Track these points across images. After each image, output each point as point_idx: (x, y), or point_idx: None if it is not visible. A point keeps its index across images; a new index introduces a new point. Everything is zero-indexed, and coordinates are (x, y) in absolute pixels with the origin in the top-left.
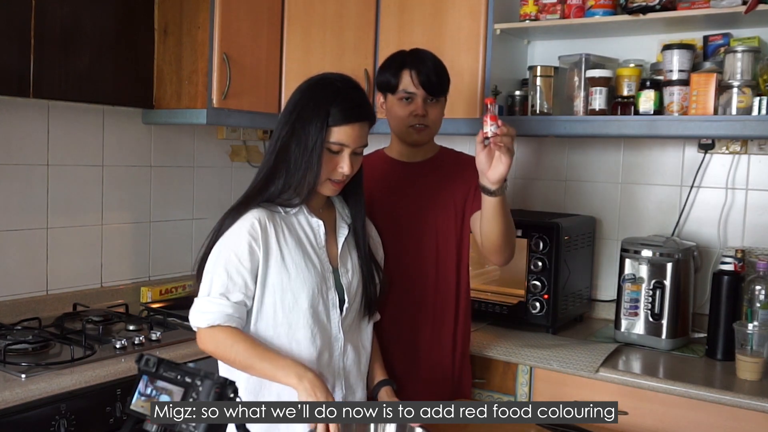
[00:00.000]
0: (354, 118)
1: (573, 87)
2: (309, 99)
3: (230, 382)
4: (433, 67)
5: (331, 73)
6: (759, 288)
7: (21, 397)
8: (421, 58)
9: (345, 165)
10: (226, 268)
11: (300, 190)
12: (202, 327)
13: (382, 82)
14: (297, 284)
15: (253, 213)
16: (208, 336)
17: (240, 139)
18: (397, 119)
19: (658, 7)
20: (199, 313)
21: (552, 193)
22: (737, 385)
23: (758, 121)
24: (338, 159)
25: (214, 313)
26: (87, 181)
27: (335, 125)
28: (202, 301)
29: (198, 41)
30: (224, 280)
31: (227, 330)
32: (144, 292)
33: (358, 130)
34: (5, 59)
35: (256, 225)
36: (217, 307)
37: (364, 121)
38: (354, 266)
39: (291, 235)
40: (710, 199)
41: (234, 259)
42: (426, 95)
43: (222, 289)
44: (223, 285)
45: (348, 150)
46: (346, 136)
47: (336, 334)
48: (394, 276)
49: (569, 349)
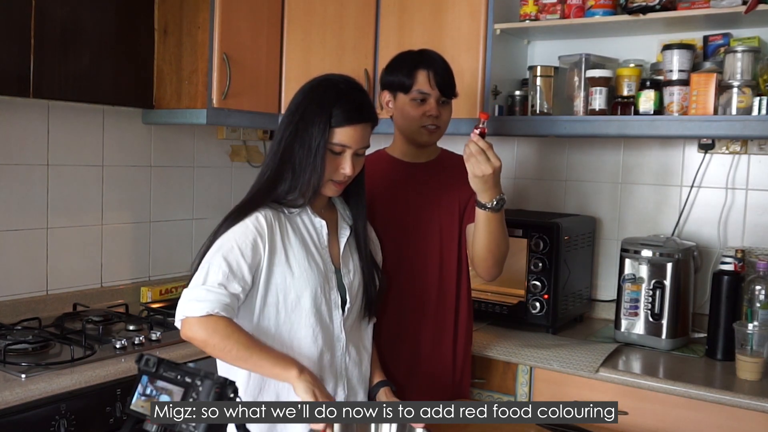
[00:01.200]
0: (356, 119)
1: (573, 87)
2: (312, 100)
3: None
4: (446, 68)
5: (334, 74)
6: (759, 288)
7: (21, 397)
8: (435, 58)
9: (347, 166)
10: (226, 258)
11: (305, 191)
12: (197, 316)
13: (393, 82)
14: (300, 284)
15: (260, 211)
16: (199, 324)
17: (240, 139)
18: (409, 119)
19: (658, 7)
20: (194, 301)
21: (552, 193)
22: (737, 385)
23: (758, 121)
24: (340, 160)
25: (212, 301)
26: (87, 181)
27: (338, 126)
28: (197, 289)
29: (198, 41)
30: (224, 270)
31: (224, 320)
32: (144, 292)
33: (361, 132)
34: (5, 59)
35: (263, 222)
36: (215, 296)
37: (367, 123)
38: (355, 267)
39: (295, 234)
40: (710, 199)
41: (236, 251)
42: (440, 96)
43: (221, 279)
44: (223, 275)
45: (350, 151)
46: (348, 137)
47: (338, 335)
48: (396, 277)
49: (569, 349)
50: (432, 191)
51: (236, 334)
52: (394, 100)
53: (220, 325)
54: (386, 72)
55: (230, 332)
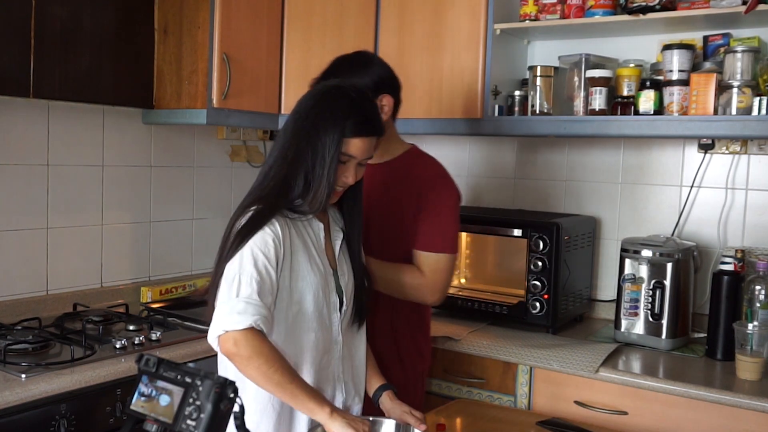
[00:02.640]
0: (368, 131)
1: (573, 87)
2: (324, 108)
3: (230, 382)
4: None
5: (343, 81)
6: (759, 288)
7: (21, 397)
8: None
9: (350, 176)
10: (257, 268)
11: (313, 200)
12: (239, 329)
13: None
14: (304, 287)
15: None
16: (244, 339)
17: (240, 139)
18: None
19: (658, 7)
20: (235, 314)
21: (552, 193)
22: (737, 385)
23: (758, 121)
24: (344, 169)
25: (252, 314)
26: (87, 181)
27: (350, 137)
28: (233, 302)
29: (198, 41)
30: (257, 280)
31: (266, 339)
32: (144, 292)
33: (368, 143)
34: (5, 59)
35: (278, 228)
36: (255, 308)
37: (375, 135)
38: (348, 270)
39: (299, 238)
40: (710, 199)
41: (263, 260)
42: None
43: (257, 290)
44: (257, 285)
45: (355, 161)
46: (357, 148)
47: (336, 337)
48: None
49: (569, 349)
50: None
51: (280, 361)
52: None
53: (265, 345)
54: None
55: (276, 357)
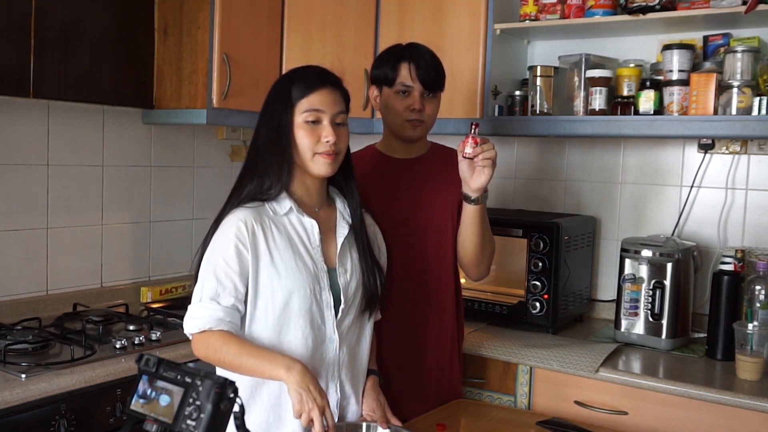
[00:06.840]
0: (317, 84)
1: (573, 87)
2: (272, 89)
3: (230, 382)
4: (431, 61)
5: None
6: (759, 288)
7: (21, 397)
8: (420, 52)
9: (328, 133)
10: (215, 272)
11: (278, 174)
12: (195, 333)
13: (378, 76)
14: (287, 285)
15: (239, 215)
16: (200, 341)
17: (240, 139)
18: (393, 113)
19: (658, 7)
20: (191, 319)
21: (552, 193)
22: (737, 385)
23: (758, 121)
24: (320, 130)
25: (204, 317)
26: (87, 181)
27: (302, 97)
28: (193, 307)
29: (198, 41)
30: (214, 284)
31: (217, 333)
32: (144, 292)
33: (329, 96)
34: (5, 59)
35: (242, 228)
36: (208, 311)
37: (333, 87)
38: (354, 266)
39: (281, 235)
40: (710, 199)
41: (222, 263)
42: (423, 90)
43: (212, 294)
44: (213, 290)
45: (326, 117)
46: (316, 101)
47: (331, 336)
48: (391, 275)
49: (569, 349)
50: (423, 188)
51: (227, 346)
52: (380, 95)
53: (212, 339)
54: (373, 66)
55: (221, 344)
